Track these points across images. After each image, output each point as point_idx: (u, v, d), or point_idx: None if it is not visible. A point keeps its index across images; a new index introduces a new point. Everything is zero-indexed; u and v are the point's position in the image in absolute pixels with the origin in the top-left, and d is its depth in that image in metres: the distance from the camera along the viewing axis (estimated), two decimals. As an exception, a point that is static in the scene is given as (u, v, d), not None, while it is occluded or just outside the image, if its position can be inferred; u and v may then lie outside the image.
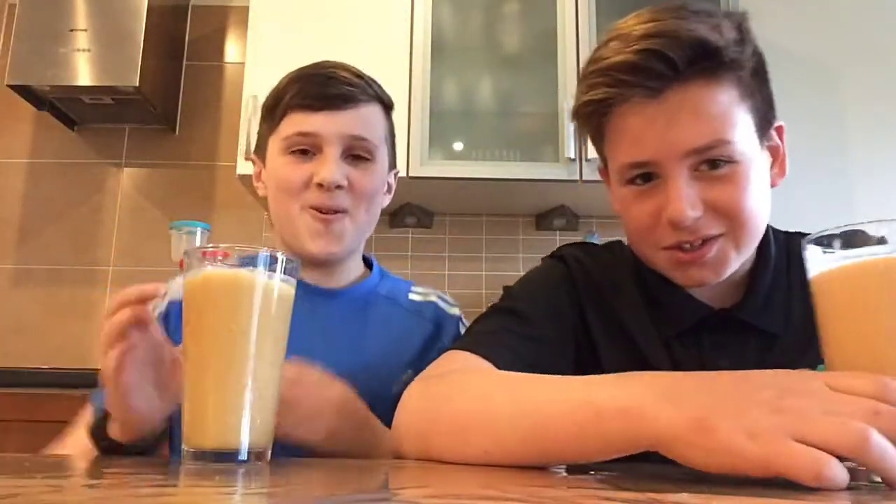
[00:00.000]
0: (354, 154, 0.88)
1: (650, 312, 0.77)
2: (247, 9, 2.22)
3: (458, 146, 2.23)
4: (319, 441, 0.71)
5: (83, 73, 2.14)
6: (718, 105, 0.67)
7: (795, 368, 0.46)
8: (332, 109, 0.87)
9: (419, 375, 0.68)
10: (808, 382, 0.41)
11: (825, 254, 0.48)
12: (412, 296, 0.97)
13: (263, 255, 0.54)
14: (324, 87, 0.87)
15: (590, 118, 0.72)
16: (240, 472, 0.47)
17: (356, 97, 0.88)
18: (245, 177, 1.96)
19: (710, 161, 0.67)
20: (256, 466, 0.51)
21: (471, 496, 0.36)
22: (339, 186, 0.86)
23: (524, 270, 0.86)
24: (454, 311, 0.97)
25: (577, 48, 2.16)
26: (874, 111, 2.50)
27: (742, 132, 0.68)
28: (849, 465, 0.37)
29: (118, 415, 0.64)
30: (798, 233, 0.78)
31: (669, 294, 0.76)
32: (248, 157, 1.86)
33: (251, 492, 0.39)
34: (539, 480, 0.46)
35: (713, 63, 0.66)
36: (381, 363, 0.81)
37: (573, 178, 2.10)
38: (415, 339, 0.91)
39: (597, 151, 0.79)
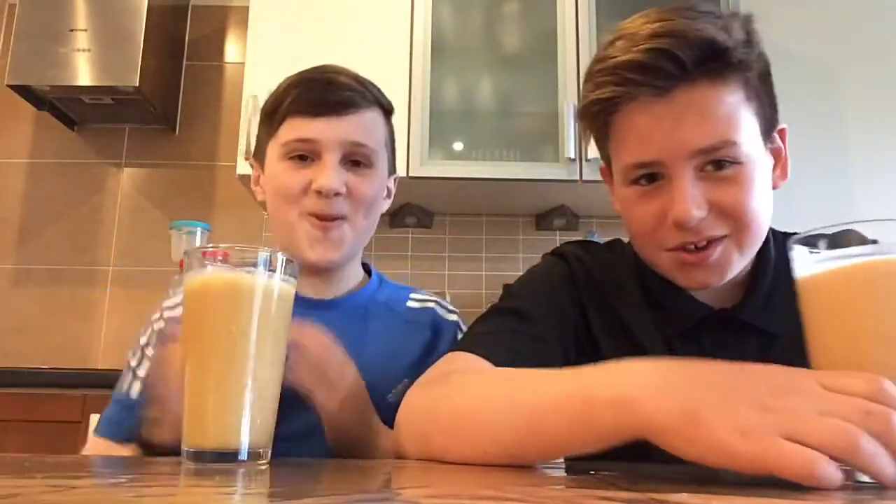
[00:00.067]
0: (354, 160, 0.88)
1: (651, 312, 0.77)
2: (247, 9, 2.23)
3: (458, 146, 2.23)
4: (332, 411, 0.71)
5: (83, 73, 2.14)
6: (725, 106, 0.67)
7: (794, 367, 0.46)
8: (332, 115, 0.86)
9: (420, 377, 0.68)
10: (802, 381, 0.41)
11: (811, 254, 0.49)
12: (410, 303, 0.96)
13: (263, 256, 0.54)
14: (323, 93, 0.86)
15: (596, 117, 0.72)
16: (240, 472, 0.47)
17: (356, 103, 0.87)
18: (245, 177, 1.96)
19: (716, 162, 0.67)
20: (256, 466, 0.51)
21: (471, 496, 0.36)
22: (338, 193, 0.85)
23: (524, 270, 0.85)
24: (452, 318, 0.96)
25: (577, 48, 2.16)
26: (874, 111, 2.50)
27: (747, 134, 0.68)
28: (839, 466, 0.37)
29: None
30: (796, 234, 0.78)
31: (670, 294, 0.76)
32: (248, 159, 1.86)
33: (251, 492, 0.39)
34: (539, 480, 0.46)
35: (721, 63, 0.66)
36: (378, 373, 0.80)
37: (573, 178, 2.10)
38: (412, 348, 0.91)
39: (600, 151, 0.79)
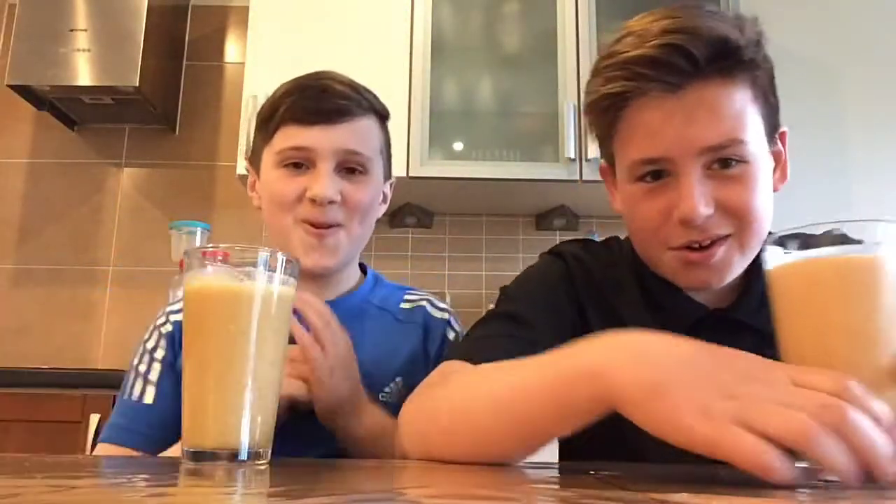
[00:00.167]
0: (348, 167, 0.87)
1: (650, 313, 0.77)
2: (247, 9, 2.22)
3: (458, 146, 2.23)
4: (323, 376, 0.73)
5: (83, 73, 2.14)
6: (735, 104, 0.67)
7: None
8: (326, 124, 0.85)
9: (422, 382, 0.68)
10: (772, 373, 0.41)
11: (785, 255, 0.50)
12: (403, 304, 0.96)
13: (263, 256, 0.54)
14: (318, 101, 0.86)
15: (605, 112, 0.71)
16: (240, 472, 0.47)
17: (350, 111, 0.87)
18: (245, 177, 1.96)
19: (723, 160, 0.67)
20: (256, 466, 0.51)
21: (471, 496, 0.36)
22: (332, 202, 0.85)
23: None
24: (442, 315, 0.96)
25: (577, 48, 2.16)
26: (874, 111, 2.50)
27: (753, 133, 0.68)
28: (805, 464, 0.37)
29: None
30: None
31: (669, 295, 0.76)
32: (248, 159, 1.86)
33: (251, 492, 0.39)
34: (539, 480, 0.46)
35: (732, 61, 0.66)
36: (371, 374, 0.81)
37: (573, 178, 2.10)
38: (404, 348, 0.91)
39: (602, 149, 0.78)
